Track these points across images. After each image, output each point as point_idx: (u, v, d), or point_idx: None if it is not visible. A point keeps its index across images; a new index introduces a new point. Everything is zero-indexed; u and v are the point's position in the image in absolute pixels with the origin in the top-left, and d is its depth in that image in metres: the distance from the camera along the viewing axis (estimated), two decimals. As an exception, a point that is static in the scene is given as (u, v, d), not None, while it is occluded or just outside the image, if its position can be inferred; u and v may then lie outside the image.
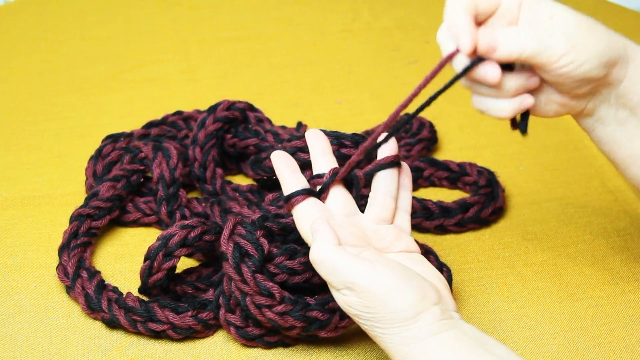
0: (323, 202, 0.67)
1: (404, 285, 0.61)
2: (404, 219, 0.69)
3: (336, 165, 0.68)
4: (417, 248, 0.68)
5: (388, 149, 0.68)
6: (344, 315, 0.68)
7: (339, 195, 0.68)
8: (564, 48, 0.60)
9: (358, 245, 0.65)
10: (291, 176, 0.67)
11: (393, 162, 0.68)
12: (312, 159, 0.69)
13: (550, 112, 0.66)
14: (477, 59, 0.60)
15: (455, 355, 0.59)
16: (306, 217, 0.66)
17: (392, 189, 0.68)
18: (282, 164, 0.68)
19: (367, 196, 0.70)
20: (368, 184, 0.69)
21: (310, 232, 0.64)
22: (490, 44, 0.60)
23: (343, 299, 0.62)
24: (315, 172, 0.69)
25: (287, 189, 0.67)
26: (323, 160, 0.68)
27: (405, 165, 0.70)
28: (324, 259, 0.62)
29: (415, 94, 0.63)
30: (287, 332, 0.70)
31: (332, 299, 0.67)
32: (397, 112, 0.63)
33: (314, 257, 0.62)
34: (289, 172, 0.68)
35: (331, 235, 0.62)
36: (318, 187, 0.68)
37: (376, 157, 0.69)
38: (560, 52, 0.60)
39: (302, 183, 0.67)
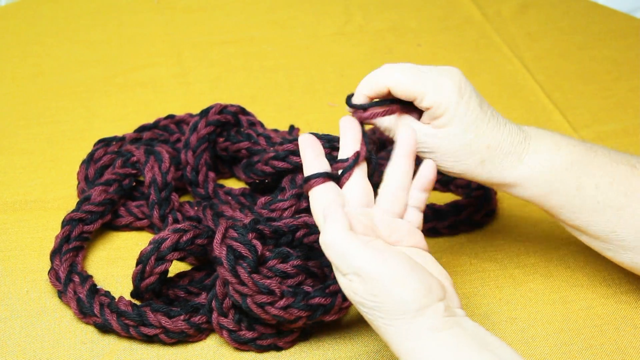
0: (341, 186, 0.67)
1: (410, 277, 0.60)
2: (417, 216, 0.69)
3: (329, 168, 0.68)
4: (427, 247, 0.68)
5: (406, 139, 0.69)
6: (345, 296, 0.67)
7: (359, 183, 0.67)
8: (429, 154, 0.69)
9: (368, 236, 0.64)
10: (314, 159, 0.67)
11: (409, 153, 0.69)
12: (304, 162, 0.69)
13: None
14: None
15: (457, 354, 0.59)
16: (321, 200, 0.65)
17: (405, 182, 0.69)
18: (308, 147, 0.68)
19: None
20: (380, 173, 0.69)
21: (323, 215, 0.63)
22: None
23: (349, 285, 0.61)
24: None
25: (308, 171, 0.67)
26: (316, 162, 0.68)
27: (432, 164, 0.70)
28: (334, 242, 0.61)
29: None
30: (293, 324, 0.69)
31: (331, 283, 0.67)
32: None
33: (324, 239, 0.62)
34: (312, 156, 0.67)
35: (344, 219, 0.62)
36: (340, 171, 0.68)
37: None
38: (425, 155, 0.69)
39: (324, 167, 0.67)
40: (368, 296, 0.60)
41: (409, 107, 0.69)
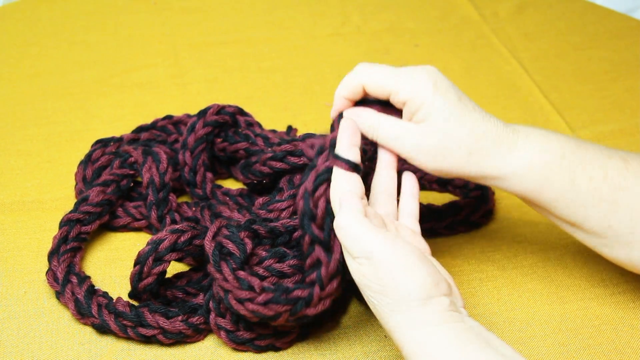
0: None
1: (419, 268, 0.61)
2: (414, 224, 0.70)
3: (359, 160, 0.68)
4: (430, 252, 0.68)
5: (385, 153, 0.69)
6: (322, 285, 0.66)
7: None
8: (410, 152, 0.68)
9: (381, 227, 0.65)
10: (350, 146, 0.67)
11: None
12: (339, 142, 0.68)
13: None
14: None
15: (459, 348, 0.59)
16: (341, 187, 0.65)
17: (391, 189, 0.69)
18: (347, 131, 0.68)
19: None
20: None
21: (339, 201, 0.64)
22: (351, 117, 0.69)
23: (358, 268, 0.62)
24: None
25: (341, 152, 0.66)
26: (352, 150, 0.67)
27: (410, 173, 0.71)
28: (349, 224, 0.62)
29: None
30: (275, 322, 0.69)
31: (309, 272, 0.66)
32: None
33: (340, 221, 0.62)
34: (348, 142, 0.67)
35: (360, 206, 0.63)
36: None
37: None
38: (403, 154, 0.68)
39: (355, 157, 0.66)
40: (376, 280, 0.61)
41: (389, 110, 0.69)
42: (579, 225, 0.69)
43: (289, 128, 0.95)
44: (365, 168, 0.69)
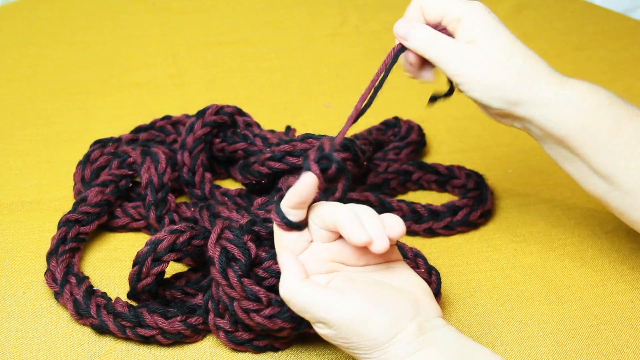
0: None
1: (375, 312, 0.60)
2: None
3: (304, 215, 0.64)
4: (400, 256, 0.66)
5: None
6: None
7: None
8: (457, 68, 0.67)
9: (332, 270, 0.64)
10: (297, 205, 0.62)
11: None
12: (287, 195, 0.63)
13: (484, 111, 0.71)
14: (401, 49, 0.71)
15: None
16: (283, 240, 0.64)
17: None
18: (304, 189, 0.61)
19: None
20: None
21: (279, 262, 0.63)
22: (402, 34, 0.70)
23: (320, 331, 0.62)
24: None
25: (284, 206, 0.63)
26: (294, 211, 0.63)
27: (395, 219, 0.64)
28: (292, 295, 0.61)
29: (373, 86, 0.71)
30: (277, 333, 0.70)
31: None
32: (360, 104, 0.69)
33: (283, 294, 0.62)
34: (297, 201, 0.62)
35: (297, 269, 0.62)
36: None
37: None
38: (454, 70, 0.68)
39: (298, 216, 0.62)
40: (339, 339, 0.61)
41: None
42: (615, 179, 0.67)
43: (288, 128, 0.95)
44: (364, 168, 0.69)
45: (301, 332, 0.69)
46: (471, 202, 0.84)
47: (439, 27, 0.70)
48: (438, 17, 0.69)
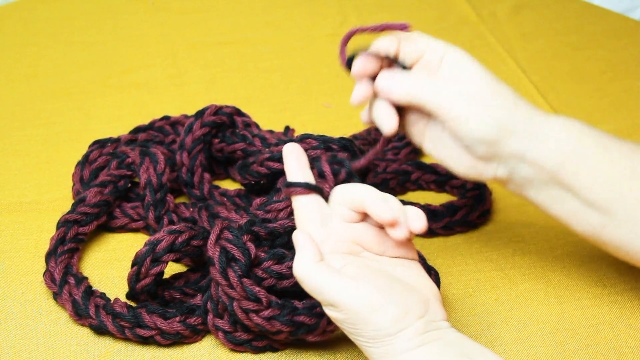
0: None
1: (385, 303, 0.60)
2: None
3: (313, 180, 0.68)
4: (416, 256, 0.67)
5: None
6: (331, 320, 0.68)
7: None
8: (452, 103, 0.65)
9: (350, 252, 0.64)
10: (298, 170, 0.67)
11: None
12: (287, 171, 0.68)
13: (460, 170, 0.68)
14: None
15: None
16: (299, 215, 0.65)
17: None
18: (291, 155, 0.67)
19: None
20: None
21: (294, 242, 0.64)
22: (385, 89, 0.66)
23: (328, 313, 0.63)
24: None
25: (291, 179, 0.66)
26: (300, 172, 0.67)
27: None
28: (304, 276, 0.62)
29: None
30: (274, 336, 0.70)
31: (318, 304, 0.67)
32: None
33: (296, 273, 0.63)
34: (296, 166, 0.67)
35: (312, 250, 0.62)
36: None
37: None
38: (447, 108, 0.65)
39: (307, 178, 0.66)
40: (346, 322, 0.61)
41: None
42: (612, 208, 0.65)
43: (287, 128, 0.95)
44: (362, 168, 0.70)
45: (298, 337, 0.69)
46: (470, 202, 0.84)
47: (417, 63, 0.68)
48: (418, 55, 0.67)
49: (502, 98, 0.66)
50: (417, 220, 0.62)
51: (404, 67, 0.67)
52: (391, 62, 0.68)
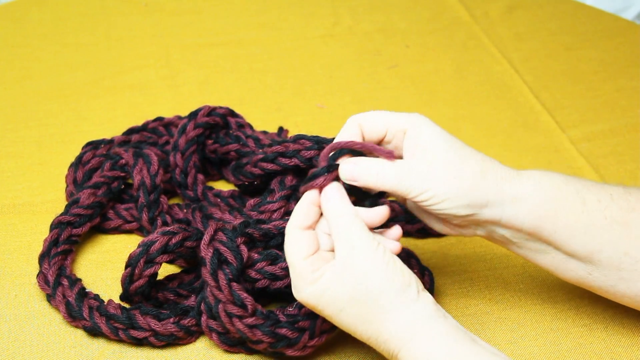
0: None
1: (400, 265, 0.62)
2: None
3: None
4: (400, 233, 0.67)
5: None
6: (313, 335, 0.68)
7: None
8: (420, 188, 0.64)
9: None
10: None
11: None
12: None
13: (442, 231, 0.69)
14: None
15: (452, 345, 0.60)
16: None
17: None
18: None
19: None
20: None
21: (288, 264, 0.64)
22: (349, 177, 0.64)
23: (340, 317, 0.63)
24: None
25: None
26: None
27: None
28: (308, 303, 0.63)
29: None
30: (254, 345, 0.69)
31: (302, 318, 0.67)
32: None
33: (299, 299, 0.64)
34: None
35: (306, 271, 0.62)
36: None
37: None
38: (416, 191, 0.64)
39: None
40: (360, 296, 0.61)
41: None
42: (594, 258, 0.66)
43: (280, 129, 0.95)
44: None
45: (277, 350, 0.69)
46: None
47: (381, 144, 0.67)
48: (381, 132, 0.66)
49: (470, 168, 0.64)
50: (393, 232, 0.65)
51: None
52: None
